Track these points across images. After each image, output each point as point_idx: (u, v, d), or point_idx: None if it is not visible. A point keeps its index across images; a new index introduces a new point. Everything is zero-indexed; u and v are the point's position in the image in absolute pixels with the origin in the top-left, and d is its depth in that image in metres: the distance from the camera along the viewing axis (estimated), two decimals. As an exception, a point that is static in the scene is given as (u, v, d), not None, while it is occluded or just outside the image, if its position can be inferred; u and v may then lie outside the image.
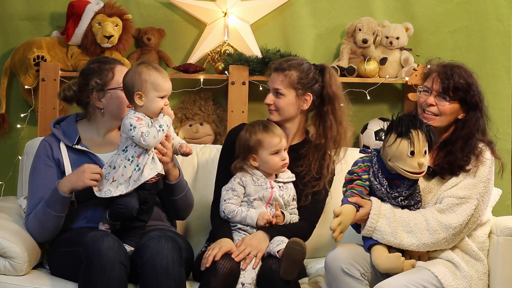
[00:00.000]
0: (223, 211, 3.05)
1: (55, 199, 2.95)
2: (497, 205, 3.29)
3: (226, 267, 2.87)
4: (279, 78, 3.12)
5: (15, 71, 3.93)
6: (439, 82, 2.96)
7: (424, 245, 2.86)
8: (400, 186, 2.89)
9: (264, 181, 3.06)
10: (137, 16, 4.01)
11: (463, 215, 2.87)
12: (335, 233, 2.74)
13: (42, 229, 3.00)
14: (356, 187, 2.90)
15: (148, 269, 2.82)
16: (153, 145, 2.90)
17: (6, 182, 3.97)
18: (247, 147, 3.06)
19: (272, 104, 3.13)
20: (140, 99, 2.91)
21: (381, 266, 2.81)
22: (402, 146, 2.81)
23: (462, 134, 2.95)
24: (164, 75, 2.95)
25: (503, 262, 2.93)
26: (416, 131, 2.80)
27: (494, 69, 4.09)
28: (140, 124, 2.88)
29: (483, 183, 2.91)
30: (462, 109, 2.97)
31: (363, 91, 3.99)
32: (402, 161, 2.81)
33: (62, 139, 3.10)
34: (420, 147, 2.80)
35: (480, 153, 2.93)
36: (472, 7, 4.10)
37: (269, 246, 2.96)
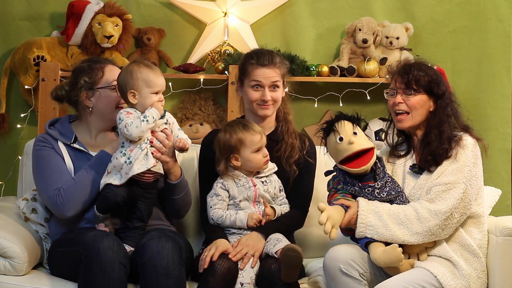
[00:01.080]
0: (211, 218, 3.06)
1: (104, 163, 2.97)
2: (497, 205, 3.29)
3: (224, 267, 2.87)
4: (275, 72, 3.15)
5: (15, 71, 3.93)
6: (399, 79, 3.01)
7: (417, 235, 2.86)
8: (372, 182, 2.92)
9: (246, 181, 3.07)
10: (137, 16, 4.01)
11: (451, 199, 2.88)
12: (326, 227, 2.74)
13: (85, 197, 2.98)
14: (337, 195, 2.94)
15: (148, 269, 2.82)
16: (137, 135, 2.91)
17: (6, 182, 3.97)
18: (228, 148, 3.06)
19: (271, 99, 3.15)
20: (133, 97, 2.94)
21: (379, 260, 2.80)
22: (331, 140, 2.92)
23: (434, 123, 2.99)
24: (156, 71, 2.98)
25: (502, 262, 2.92)
26: (337, 122, 2.91)
27: (494, 69, 4.09)
28: (128, 117, 2.91)
29: (468, 166, 2.92)
30: (431, 100, 3.00)
31: (363, 91, 4.00)
32: (339, 153, 2.89)
33: (59, 138, 3.10)
34: (347, 130, 2.89)
35: (460, 138, 2.96)
36: (472, 7, 4.10)
37: (266, 246, 2.97)
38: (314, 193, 3.28)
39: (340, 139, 2.88)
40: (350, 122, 2.92)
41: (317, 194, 3.32)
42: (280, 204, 3.12)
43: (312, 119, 4.08)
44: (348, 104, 4.03)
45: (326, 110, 4.09)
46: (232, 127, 3.09)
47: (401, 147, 3.12)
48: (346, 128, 2.90)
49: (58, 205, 2.99)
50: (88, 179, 2.98)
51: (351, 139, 2.87)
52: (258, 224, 3.02)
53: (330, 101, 4.07)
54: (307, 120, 4.07)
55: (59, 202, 2.98)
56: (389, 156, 3.12)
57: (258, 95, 3.15)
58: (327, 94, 4.05)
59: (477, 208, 2.97)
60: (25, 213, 3.16)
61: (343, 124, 2.91)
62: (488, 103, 4.07)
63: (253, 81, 3.14)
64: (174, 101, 4.03)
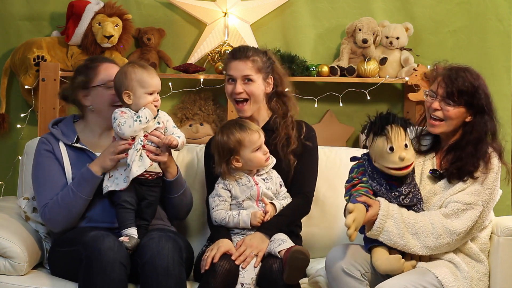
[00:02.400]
0: (214, 220, 3.07)
1: (86, 180, 2.98)
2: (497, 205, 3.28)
3: (224, 268, 2.87)
4: (247, 65, 3.14)
5: (15, 71, 3.93)
6: (443, 86, 2.93)
7: (427, 249, 2.85)
8: (399, 185, 2.88)
9: (248, 180, 3.07)
10: (137, 16, 4.01)
11: (468, 221, 2.86)
12: (350, 230, 2.69)
13: (68, 215, 3.00)
14: (360, 188, 2.88)
15: (148, 270, 2.82)
16: (129, 134, 2.92)
17: (6, 182, 3.97)
18: (227, 150, 3.05)
19: (243, 92, 3.14)
20: (128, 98, 2.96)
21: (381, 267, 2.80)
22: (379, 144, 2.81)
23: (472, 139, 2.92)
24: (150, 71, 3.00)
25: (503, 262, 2.92)
26: (391, 127, 2.80)
27: (494, 69, 4.09)
28: (122, 116, 2.93)
29: (489, 189, 2.90)
30: (469, 112, 2.94)
31: (363, 91, 3.99)
32: (384, 159, 2.81)
33: (61, 138, 3.11)
34: (399, 141, 2.79)
35: (489, 159, 2.90)
36: (472, 7, 4.10)
37: (270, 245, 2.96)
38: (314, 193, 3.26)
39: (391, 149, 2.78)
40: (404, 130, 2.81)
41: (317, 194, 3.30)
42: (282, 199, 3.11)
43: (312, 119, 4.08)
44: (348, 104, 4.03)
45: (326, 110, 4.09)
46: (229, 128, 3.08)
47: (426, 141, 3.05)
48: (399, 138, 2.79)
49: (45, 222, 3.06)
50: (71, 197, 2.99)
51: (402, 154, 2.78)
52: (262, 222, 3.01)
53: (330, 101, 4.07)
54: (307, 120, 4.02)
55: (45, 219, 3.04)
56: None
57: (231, 88, 3.17)
58: (327, 94, 4.05)
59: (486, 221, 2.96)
60: (26, 212, 3.16)
61: (396, 131, 2.79)
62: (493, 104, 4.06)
63: (227, 75, 3.19)
64: (174, 101, 4.03)
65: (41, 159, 3.10)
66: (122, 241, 2.86)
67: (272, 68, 3.22)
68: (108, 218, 3.02)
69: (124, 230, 2.91)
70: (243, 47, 3.22)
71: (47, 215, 3.01)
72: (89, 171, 2.98)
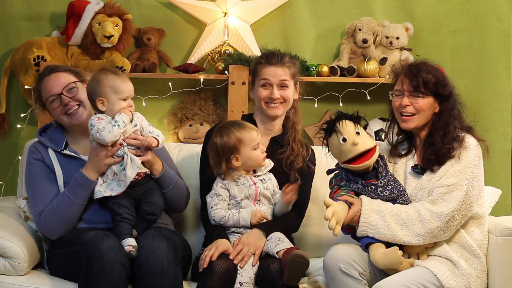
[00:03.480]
0: (213, 219, 3.06)
1: (81, 186, 2.98)
2: (497, 205, 3.29)
3: (222, 267, 2.87)
4: (283, 71, 3.20)
5: (15, 71, 3.93)
6: (407, 81, 3.00)
7: (419, 236, 2.86)
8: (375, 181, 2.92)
9: (246, 179, 3.08)
10: (137, 16, 4.01)
11: (453, 201, 2.88)
12: (331, 223, 2.74)
13: (65, 222, 3.00)
14: (340, 191, 2.94)
15: (144, 270, 2.82)
16: (110, 139, 2.93)
17: (6, 182, 3.97)
18: (227, 149, 3.06)
19: (280, 97, 3.18)
20: (102, 104, 2.98)
21: (379, 262, 2.81)
22: (333, 141, 2.91)
23: (440, 125, 2.99)
24: (123, 77, 3.01)
25: (502, 262, 2.93)
26: (338, 122, 2.90)
27: (494, 69, 4.09)
28: (100, 122, 2.94)
29: (470, 168, 2.92)
30: (437, 101, 3.01)
31: (363, 91, 3.99)
32: (342, 153, 2.89)
33: (49, 146, 3.12)
34: (349, 130, 2.88)
35: (463, 139, 2.96)
36: (472, 7, 4.10)
37: (267, 244, 2.97)
38: (314, 193, 3.28)
39: (344, 140, 2.88)
40: (352, 122, 2.92)
41: (317, 194, 3.32)
42: (275, 203, 3.12)
43: (312, 119, 4.08)
44: (348, 104, 4.03)
45: (326, 110, 4.09)
46: (227, 128, 3.09)
47: (402, 146, 3.12)
48: (348, 128, 2.89)
49: (42, 230, 3.06)
50: (66, 204, 3.00)
51: (354, 140, 2.87)
52: (261, 221, 3.02)
53: (330, 101, 4.07)
54: (307, 120, 4.06)
55: (42, 228, 3.04)
56: (390, 155, 3.11)
57: (267, 93, 3.19)
58: (327, 94, 4.04)
59: (478, 208, 2.97)
60: (25, 212, 3.16)
61: (345, 124, 2.90)
62: (488, 103, 4.07)
63: (262, 80, 3.20)
64: (174, 101, 4.03)
65: (31, 168, 3.12)
66: (129, 251, 2.86)
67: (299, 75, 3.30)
68: (104, 218, 3.03)
69: (123, 241, 2.91)
70: (277, 52, 3.26)
71: (43, 223, 3.02)
72: (84, 177, 2.98)
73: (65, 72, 3.19)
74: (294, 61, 3.27)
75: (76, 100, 3.12)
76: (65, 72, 3.19)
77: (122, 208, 2.96)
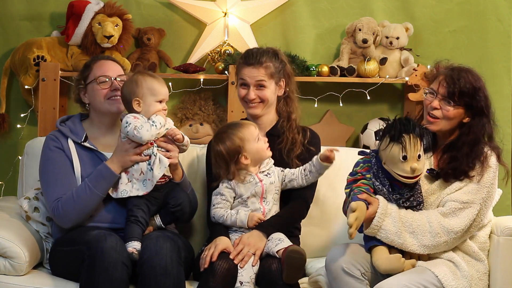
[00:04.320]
0: (213, 216, 3.07)
1: (104, 178, 2.98)
2: (497, 205, 3.29)
3: (223, 267, 2.87)
4: (260, 72, 3.17)
5: (15, 71, 3.93)
6: (445, 86, 2.93)
7: (425, 247, 2.85)
8: (402, 188, 2.88)
9: (252, 177, 3.08)
10: (137, 16, 4.01)
11: (465, 219, 2.86)
12: (351, 229, 2.71)
13: (82, 211, 2.99)
14: (362, 185, 2.89)
15: (147, 269, 2.82)
16: (147, 138, 2.95)
17: (6, 182, 3.97)
18: (233, 152, 3.05)
19: (256, 98, 3.17)
20: (138, 105, 3.00)
21: (381, 267, 2.80)
22: (394, 151, 2.80)
23: (468, 140, 2.92)
24: (160, 80, 3.05)
25: (503, 262, 2.92)
26: (409, 136, 2.79)
27: (494, 69, 4.09)
28: (136, 120, 2.95)
29: (487, 188, 2.90)
30: (467, 113, 2.94)
31: (363, 91, 3.99)
32: (395, 165, 2.81)
33: (70, 136, 3.12)
34: (413, 151, 2.79)
35: (485, 158, 2.91)
36: (472, 7, 4.10)
37: (268, 245, 2.97)
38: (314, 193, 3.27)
39: (404, 158, 2.78)
40: (420, 141, 2.81)
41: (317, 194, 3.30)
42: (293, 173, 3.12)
43: (312, 119, 4.08)
44: (348, 104, 4.03)
45: (326, 110, 4.09)
46: (226, 132, 3.09)
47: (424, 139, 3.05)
48: (414, 148, 2.78)
49: (56, 217, 3.03)
50: (87, 194, 2.99)
51: (414, 165, 2.77)
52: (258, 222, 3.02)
53: (330, 101, 4.07)
54: (307, 120, 4.07)
55: (57, 214, 3.02)
56: None
57: (244, 92, 3.20)
58: (327, 94, 4.05)
59: (484, 220, 2.96)
60: (27, 211, 3.16)
61: (412, 141, 2.78)
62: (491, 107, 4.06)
63: (240, 79, 3.21)
64: (174, 101, 4.03)
65: (51, 154, 3.09)
66: (132, 252, 2.86)
67: (284, 70, 3.24)
68: (111, 219, 3.03)
69: (129, 243, 2.90)
70: (256, 51, 3.22)
71: (60, 210, 3.00)
72: (108, 169, 2.98)
73: (120, 66, 3.23)
74: (274, 59, 3.20)
75: None
76: (120, 66, 3.23)
77: (139, 211, 2.97)
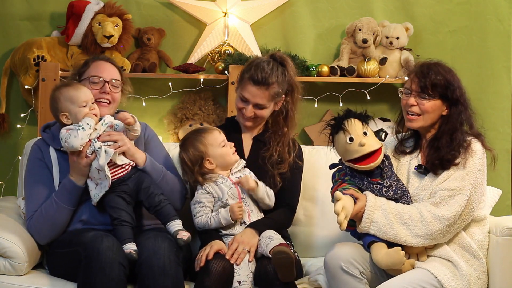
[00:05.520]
0: (198, 227, 3.08)
1: (68, 191, 2.98)
2: (497, 205, 3.29)
3: (219, 266, 2.87)
4: (262, 94, 3.12)
5: (15, 71, 3.93)
6: (416, 81, 2.98)
7: (419, 237, 2.86)
8: (376, 175, 2.92)
9: (224, 179, 3.08)
10: (137, 16, 4.01)
11: (456, 206, 2.87)
12: (340, 217, 2.72)
13: (53, 226, 3.00)
14: (346, 185, 2.92)
15: (145, 269, 2.82)
16: (78, 144, 2.92)
17: (6, 182, 3.97)
18: (197, 158, 3.06)
19: (252, 114, 3.15)
20: (66, 118, 2.98)
21: (381, 262, 2.81)
22: (340, 139, 2.88)
23: (447, 129, 2.97)
24: (76, 86, 3.01)
25: (502, 262, 2.92)
26: (346, 121, 2.87)
27: (494, 69, 4.09)
28: (66, 133, 2.94)
29: (474, 174, 2.92)
30: (445, 105, 2.98)
31: (363, 91, 4.00)
32: (348, 152, 2.86)
33: (51, 144, 3.11)
34: (356, 130, 2.85)
35: (469, 145, 2.94)
36: (472, 7, 4.10)
37: (260, 245, 2.97)
38: (314, 193, 3.28)
39: (350, 139, 2.85)
40: (360, 121, 2.89)
41: (316, 194, 3.31)
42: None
43: (312, 119, 4.08)
44: (348, 104, 4.03)
45: (326, 110, 4.09)
46: (188, 139, 3.10)
47: (408, 143, 3.10)
48: (356, 127, 2.87)
49: (32, 234, 3.03)
50: (54, 208, 2.99)
51: (362, 140, 2.84)
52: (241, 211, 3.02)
53: (330, 101, 4.07)
54: (307, 120, 4.07)
55: (31, 232, 3.03)
56: (395, 152, 3.10)
57: (241, 106, 3.17)
58: (327, 94, 4.05)
59: (479, 212, 2.97)
60: (24, 212, 3.15)
61: (353, 122, 2.88)
62: (488, 103, 4.07)
63: (240, 93, 3.16)
64: (174, 101, 4.03)
65: (31, 167, 3.11)
66: (130, 252, 2.85)
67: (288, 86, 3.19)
68: (104, 220, 3.02)
69: (124, 245, 2.89)
70: (266, 70, 3.12)
71: (33, 228, 3.02)
72: (71, 182, 2.98)
73: (118, 70, 3.19)
74: (284, 78, 3.15)
75: (112, 96, 3.12)
76: (117, 70, 3.19)
77: (120, 211, 2.95)
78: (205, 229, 3.06)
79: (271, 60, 3.17)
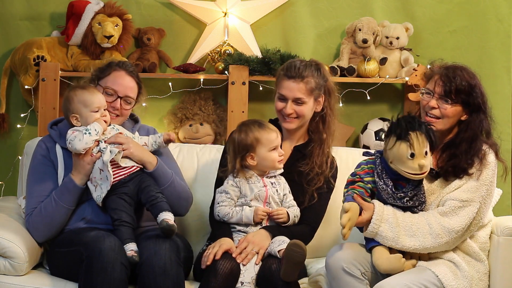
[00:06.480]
0: (217, 214, 3.06)
1: (68, 190, 2.99)
2: (497, 205, 3.29)
3: (226, 267, 2.86)
4: (300, 87, 3.11)
5: (15, 71, 3.93)
6: (441, 85, 2.94)
7: (426, 249, 2.85)
8: (405, 186, 2.88)
9: (257, 180, 3.07)
10: (137, 16, 4.01)
11: (465, 218, 2.86)
12: (344, 230, 2.72)
13: (50, 225, 3.01)
14: (357, 188, 2.89)
15: (146, 269, 2.82)
16: (81, 147, 2.95)
17: (6, 182, 3.97)
18: (243, 147, 3.05)
19: (293, 113, 3.13)
20: (76, 120, 3.00)
21: (381, 267, 2.81)
22: (401, 149, 2.80)
23: (466, 137, 2.93)
24: (91, 90, 3.03)
25: (503, 262, 2.93)
26: (415, 133, 2.79)
27: (494, 69, 4.09)
28: (72, 134, 2.96)
29: (486, 186, 2.90)
30: (465, 111, 2.95)
31: (363, 91, 3.99)
32: (403, 164, 2.81)
33: (57, 141, 3.11)
34: (420, 148, 2.79)
35: (484, 156, 2.91)
36: (472, 7, 4.10)
37: (270, 246, 2.96)
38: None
39: (412, 155, 2.78)
40: (426, 138, 2.80)
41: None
42: (288, 207, 3.09)
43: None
44: (348, 104, 4.03)
45: (326, 110, 4.08)
46: (248, 126, 3.08)
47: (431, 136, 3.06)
48: (421, 145, 2.78)
49: (29, 231, 3.05)
50: (52, 207, 3.00)
51: (421, 161, 2.77)
52: (264, 217, 3.01)
53: (330, 101, 4.06)
54: (307, 120, 4.07)
55: (29, 228, 3.04)
56: None
57: (281, 106, 3.15)
58: (327, 94, 4.04)
59: (484, 219, 2.96)
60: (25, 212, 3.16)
61: (419, 139, 2.78)
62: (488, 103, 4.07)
63: (278, 93, 3.16)
64: (174, 101, 4.03)
65: (35, 163, 3.12)
66: (132, 255, 2.85)
67: (325, 86, 3.18)
68: (106, 219, 3.02)
69: (125, 246, 2.89)
70: (299, 64, 3.15)
71: (30, 224, 3.03)
72: (72, 181, 2.99)
73: (136, 84, 3.18)
74: (319, 74, 3.14)
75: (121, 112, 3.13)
76: (136, 83, 3.18)
77: (120, 213, 2.95)
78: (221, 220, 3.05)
79: (305, 61, 3.20)
